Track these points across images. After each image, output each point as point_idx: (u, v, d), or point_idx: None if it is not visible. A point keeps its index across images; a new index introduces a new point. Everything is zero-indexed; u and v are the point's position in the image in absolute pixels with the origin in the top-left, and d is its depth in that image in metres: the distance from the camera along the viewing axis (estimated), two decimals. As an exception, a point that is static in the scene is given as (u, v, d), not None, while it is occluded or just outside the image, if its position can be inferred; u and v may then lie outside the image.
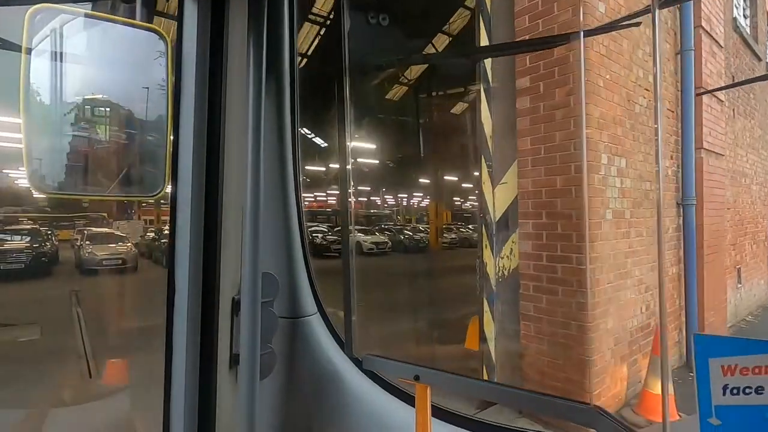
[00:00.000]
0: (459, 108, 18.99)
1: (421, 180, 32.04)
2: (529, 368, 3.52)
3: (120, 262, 13.38)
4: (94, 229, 15.71)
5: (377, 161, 25.63)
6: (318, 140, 25.55)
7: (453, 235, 23.18)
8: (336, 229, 21.20)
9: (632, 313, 3.73)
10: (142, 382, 3.88)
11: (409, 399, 1.10)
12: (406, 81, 19.74)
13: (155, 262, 15.30)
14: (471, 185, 36.78)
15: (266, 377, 1.02)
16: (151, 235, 19.54)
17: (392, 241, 19.96)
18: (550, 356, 3.37)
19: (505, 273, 3.77)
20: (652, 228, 3.95)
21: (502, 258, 3.78)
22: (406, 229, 23.16)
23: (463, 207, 40.91)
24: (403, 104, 20.35)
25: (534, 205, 3.51)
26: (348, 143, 1.19)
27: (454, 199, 37.35)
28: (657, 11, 0.75)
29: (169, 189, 0.92)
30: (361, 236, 19.82)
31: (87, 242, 13.81)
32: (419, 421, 0.96)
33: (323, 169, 28.43)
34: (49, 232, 14.95)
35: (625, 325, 3.62)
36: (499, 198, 3.81)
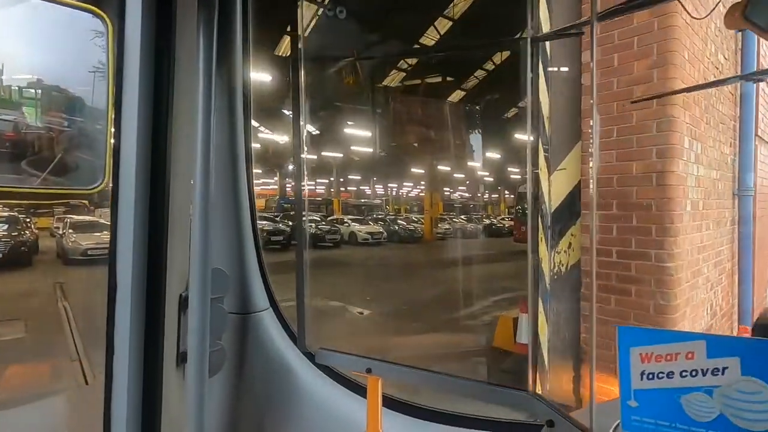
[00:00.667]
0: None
1: (420, 170, 31.65)
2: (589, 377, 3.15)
3: (106, 252, 12.65)
4: (77, 216, 14.86)
5: (370, 150, 25.09)
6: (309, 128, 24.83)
7: (447, 226, 22.89)
8: (330, 218, 20.66)
9: (701, 314, 3.39)
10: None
11: (362, 391, 1.10)
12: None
13: None
14: (462, 175, 36.54)
15: (215, 375, 1.01)
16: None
17: (386, 231, 19.52)
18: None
19: (562, 269, 3.37)
20: (716, 220, 3.60)
21: (559, 253, 3.38)
22: (400, 219, 22.74)
23: (452, 197, 40.70)
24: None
25: (602, 193, 3.11)
26: (303, 132, 1.15)
27: (453, 188, 37.13)
28: (596, 24, 0.79)
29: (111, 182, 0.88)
30: (355, 226, 19.33)
31: (70, 231, 13.03)
32: (370, 412, 0.99)
33: (314, 157, 27.72)
34: (27, 220, 14.07)
35: (695, 329, 3.28)
36: (556, 186, 3.39)
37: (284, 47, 16.90)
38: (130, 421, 0.90)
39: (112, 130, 0.87)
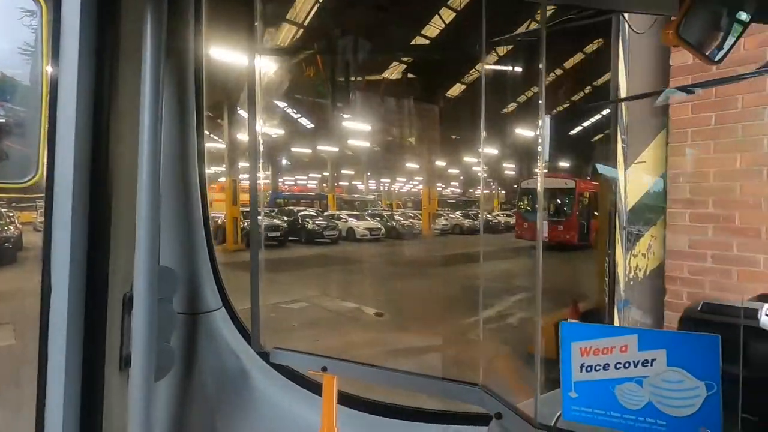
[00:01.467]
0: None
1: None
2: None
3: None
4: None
5: (365, 144, 24.59)
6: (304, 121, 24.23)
7: (444, 222, 22.57)
8: (327, 214, 20.15)
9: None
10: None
11: (318, 390, 1.08)
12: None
13: None
14: (457, 171, 36.20)
15: (163, 377, 0.99)
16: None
17: (384, 227, 19.10)
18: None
19: (640, 275, 3.00)
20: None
21: (636, 256, 3.00)
22: (396, 215, 22.34)
23: (444, 193, 40.41)
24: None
25: (694, 189, 2.73)
26: (257, 124, 1.11)
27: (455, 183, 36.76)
28: (544, 32, 0.81)
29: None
30: (353, 222, 18.87)
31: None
32: (325, 410, 1.00)
33: (309, 151, 27.12)
34: (11, 214, 13.29)
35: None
36: (633, 181, 3.01)
37: (281, 37, 16.26)
38: (68, 429, 0.85)
39: (46, 119, 0.81)
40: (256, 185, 1.15)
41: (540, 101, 0.89)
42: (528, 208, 15.88)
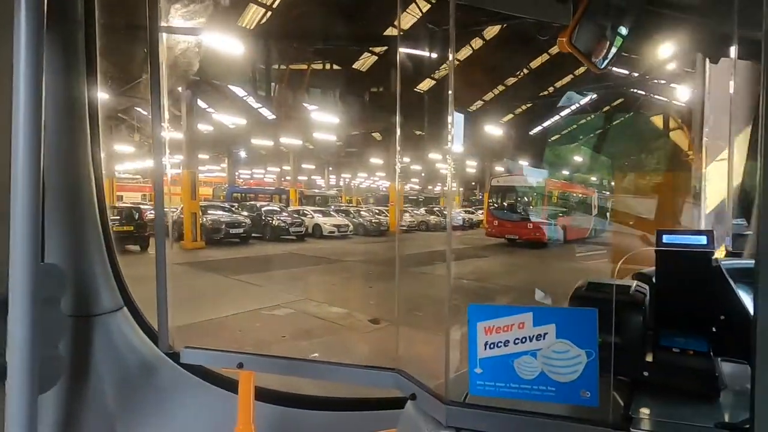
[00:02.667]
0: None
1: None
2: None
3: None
4: None
5: (328, 138, 23.76)
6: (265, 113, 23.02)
7: (410, 218, 22.28)
8: (290, 209, 19.17)
9: None
10: None
11: (234, 387, 1.07)
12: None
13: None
14: (419, 167, 36.09)
15: (51, 388, 0.90)
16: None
17: (351, 224, 18.46)
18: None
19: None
20: None
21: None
22: (362, 211, 21.75)
23: (407, 189, 40.26)
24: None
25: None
26: (162, 111, 1.05)
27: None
28: (453, 31, 0.92)
29: None
30: (319, 218, 18.08)
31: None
32: (242, 406, 1.00)
33: (269, 143, 25.84)
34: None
35: None
36: (714, 180, 2.64)
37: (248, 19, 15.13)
38: None
39: None
40: (162, 174, 1.07)
41: (449, 91, 0.95)
42: (498, 205, 15.89)
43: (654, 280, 0.86)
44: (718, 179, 2.61)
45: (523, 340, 0.73)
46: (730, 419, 0.69)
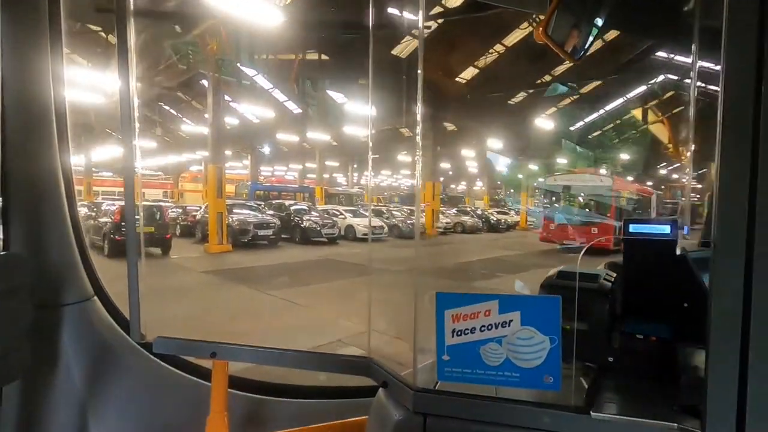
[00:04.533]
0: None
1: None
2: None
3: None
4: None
5: (351, 133, 22.19)
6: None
7: (446, 219, 20.56)
8: (320, 208, 17.64)
9: None
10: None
11: (207, 376, 1.08)
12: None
13: (106, 253, 11.05)
14: (448, 165, 34.33)
15: (15, 380, 0.90)
16: (82, 211, 14.86)
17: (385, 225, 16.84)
18: None
19: None
20: None
21: None
22: (394, 211, 20.12)
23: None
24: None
25: None
26: (132, 98, 1.01)
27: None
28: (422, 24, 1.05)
29: None
30: (351, 218, 16.51)
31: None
32: (215, 395, 1.00)
33: (295, 139, 24.41)
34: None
35: None
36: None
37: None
38: None
39: None
40: (132, 168, 1.06)
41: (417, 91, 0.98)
42: (555, 207, 14.06)
43: (622, 268, 0.88)
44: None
45: (489, 327, 0.74)
46: (687, 402, 0.69)
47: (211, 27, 12.27)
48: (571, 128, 22.49)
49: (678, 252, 0.82)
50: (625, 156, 21.74)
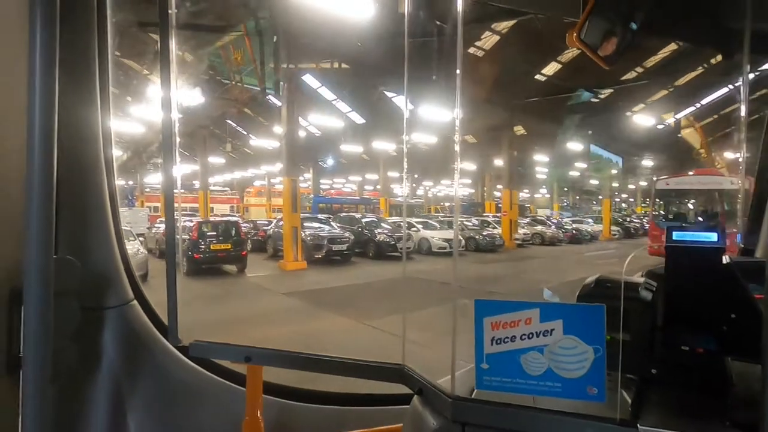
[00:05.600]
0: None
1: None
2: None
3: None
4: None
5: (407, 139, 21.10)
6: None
7: (524, 230, 18.84)
8: (391, 220, 16.66)
9: None
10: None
11: (242, 381, 1.10)
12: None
13: (183, 272, 10.69)
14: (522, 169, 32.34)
15: (65, 378, 0.93)
16: (161, 227, 14.90)
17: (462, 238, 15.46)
18: None
19: None
20: None
21: None
22: (467, 222, 18.72)
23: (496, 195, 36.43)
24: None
25: None
26: (173, 111, 1.05)
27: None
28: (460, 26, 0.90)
29: None
30: (426, 231, 15.35)
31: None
32: (250, 400, 1.02)
33: (360, 149, 23.81)
34: None
35: None
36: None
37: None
38: None
39: None
40: (172, 183, 1.10)
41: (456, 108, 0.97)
42: (670, 215, 12.01)
43: (664, 277, 0.84)
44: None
45: (530, 335, 0.73)
46: (740, 418, 0.66)
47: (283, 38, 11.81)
48: (660, 126, 19.99)
49: (724, 260, 0.80)
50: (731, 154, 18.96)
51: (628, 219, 26.30)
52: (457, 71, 0.88)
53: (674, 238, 0.80)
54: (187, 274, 10.35)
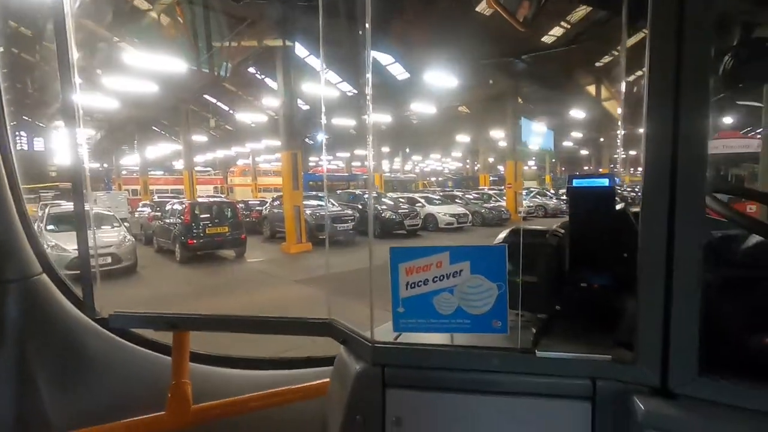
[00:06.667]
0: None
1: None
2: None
3: (110, 260, 7.71)
4: (60, 204, 9.77)
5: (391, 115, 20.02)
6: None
7: (528, 203, 18.23)
8: (396, 197, 15.71)
9: None
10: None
11: (166, 350, 1.10)
12: None
13: (178, 259, 9.59)
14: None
15: None
16: (145, 210, 13.61)
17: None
18: None
19: None
20: None
21: None
22: (468, 196, 17.96)
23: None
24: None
25: None
26: (73, 86, 1.11)
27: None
28: None
29: None
30: (431, 207, 14.51)
31: (49, 226, 8.04)
32: (177, 365, 1.02)
33: (352, 122, 22.55)
34: None
35: None
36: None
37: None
38: None
39: None
40: (80, 160, 1.09)
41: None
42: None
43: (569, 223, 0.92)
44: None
45: (441, 278, 0.79)
46: (623, 338, 0.75)
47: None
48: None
49: (618, 207, 0.90)
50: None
51: (628, 189, 26.05)
52: (367, 25, 0.86)
53: (573, 184, 0.91)
54: (181, 262, 9.29)
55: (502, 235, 0.93)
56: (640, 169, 0.69)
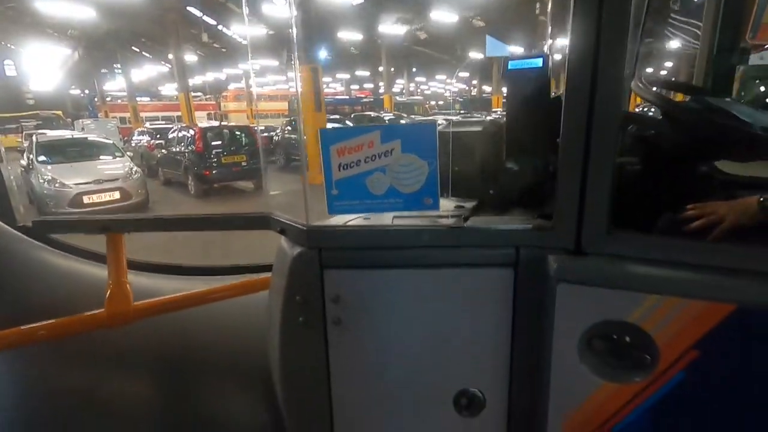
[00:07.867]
0: None
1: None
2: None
3: (118, 195, 6.67)
4: (51, 133, 8.42)
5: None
6: None
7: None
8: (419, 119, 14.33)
9: None
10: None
11: (102, 257, 1.04)
12: None
13: (192, 192, 8.52)
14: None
15: None
16: (143, 139, 12.23)
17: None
18: None
19: None
20: None
21: None
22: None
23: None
24: None
25: None
26: None
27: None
28: None
29: None
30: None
31: (41, 158, 6.87)
32: (113, 268, 0.97)
33: (357, 38, 20.19)
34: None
35: None
36: None
37: None
38: None
39: None
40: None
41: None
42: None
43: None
44: None
45: (373, 157, 0.78)
46: (545, 211, 0.80)
47: None
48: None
49: (554, 93, 0.89)
50: None
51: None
52: None
53: (509, 67, 0.90)
54: (196, 195, 8.26)
55: (443, 123, 0.93)
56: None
